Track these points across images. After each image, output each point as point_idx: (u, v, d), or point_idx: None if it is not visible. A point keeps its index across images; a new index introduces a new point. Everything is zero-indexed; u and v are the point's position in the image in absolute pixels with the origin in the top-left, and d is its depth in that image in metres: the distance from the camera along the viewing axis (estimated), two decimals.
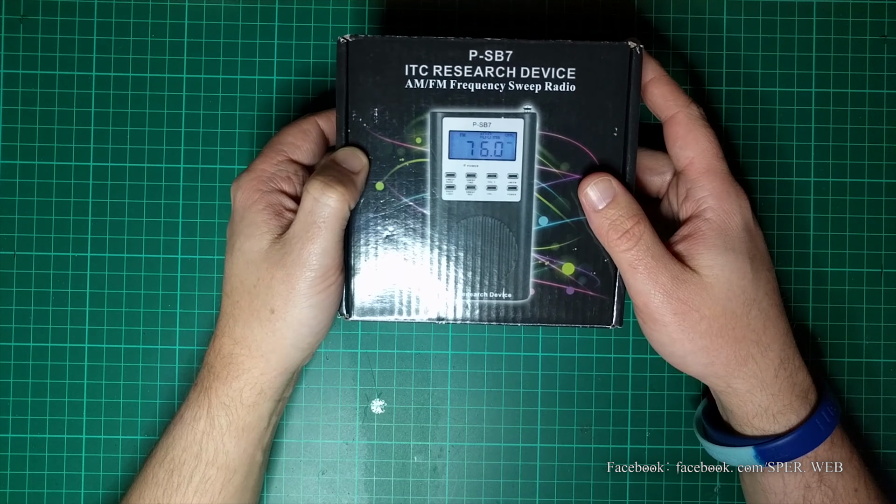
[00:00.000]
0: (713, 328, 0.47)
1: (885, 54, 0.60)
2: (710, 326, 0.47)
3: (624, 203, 0.47)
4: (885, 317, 0.60)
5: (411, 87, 0.49)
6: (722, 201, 0.47)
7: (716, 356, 0.48)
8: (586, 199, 0.48)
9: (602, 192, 0.48)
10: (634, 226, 0.47)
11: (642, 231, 0.47)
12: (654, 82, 0.49)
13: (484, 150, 0.49)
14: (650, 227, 0.47)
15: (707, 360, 0.48)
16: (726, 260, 0.47)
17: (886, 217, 0.60)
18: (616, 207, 0.47)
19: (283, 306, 0.48)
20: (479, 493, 0.60)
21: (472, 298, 0.51)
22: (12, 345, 0.60)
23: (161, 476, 0.51)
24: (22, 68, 0.60)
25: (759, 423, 0.50)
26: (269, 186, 0.49)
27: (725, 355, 0.48)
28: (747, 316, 0.48)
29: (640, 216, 0.47)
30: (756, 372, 0.49)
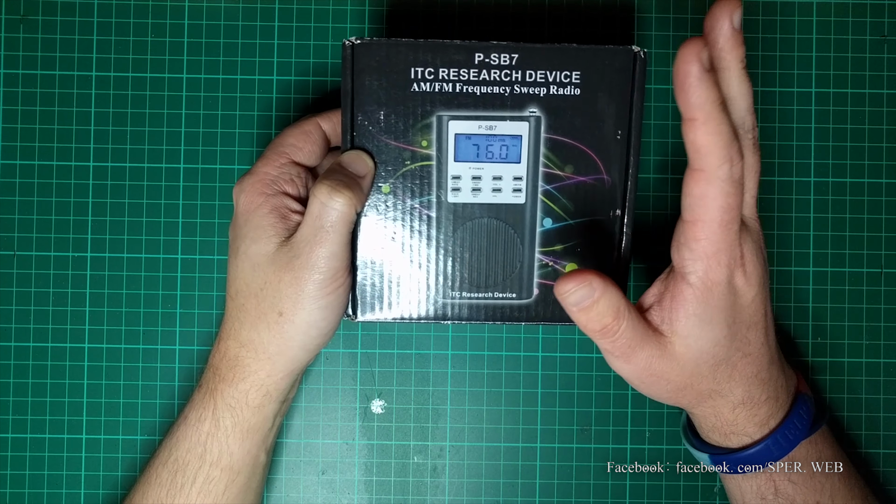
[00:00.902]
0: (679, 387, 0.48)
1: (885, 54, 0.60)
2: (676, 386, 0.48)
3: (603, 304, 0.44)
4: (885, 317, 0.60)
5: (417, 91, 0.49)
6: (709, 271, 0.44)
7: (677, 401, 0.49)
8: (565, 301, 0.45)
9: (581, 298, 0.44)
10: (613, 322, 0.45)
11: (621, 325, 0.45)
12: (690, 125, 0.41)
13: (489, 152, 0.49)
14: (630, 315, 0.45)
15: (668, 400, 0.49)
16: (702, 332, 0.46)
17: (886, 217, 0.60)
18: (595, 309, 0.45)
19: (292, 309, 0.48)
20: (479, 493, 0.60)
21: (478, 298, 0.51)
22: (12, 345, 0.60)
23: (165, 476, 0.51)
24: (22, 68, 0.59)
25: (714, 438, 0.51)
26: (272, 189, 0.49)
27: (686, 400, 0.49)
28: (713, 374, 0.47)
29: (619, 312, 0.45)
30: (714, 406, 0.49)
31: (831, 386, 0.60)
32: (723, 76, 0.44)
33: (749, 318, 0.46)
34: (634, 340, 0.45)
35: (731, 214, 0.43)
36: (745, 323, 0.46)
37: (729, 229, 0.43)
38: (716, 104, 0.40)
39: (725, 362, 0.47)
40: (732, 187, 0.42)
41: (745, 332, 0.46)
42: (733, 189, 0.42)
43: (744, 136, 0.45)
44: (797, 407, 0.50)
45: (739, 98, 0.44)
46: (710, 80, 0.40)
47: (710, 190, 0.42)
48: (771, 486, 0.50)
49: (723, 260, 0.44)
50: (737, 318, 0.46)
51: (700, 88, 0.39)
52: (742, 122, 0.45)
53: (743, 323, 0.46)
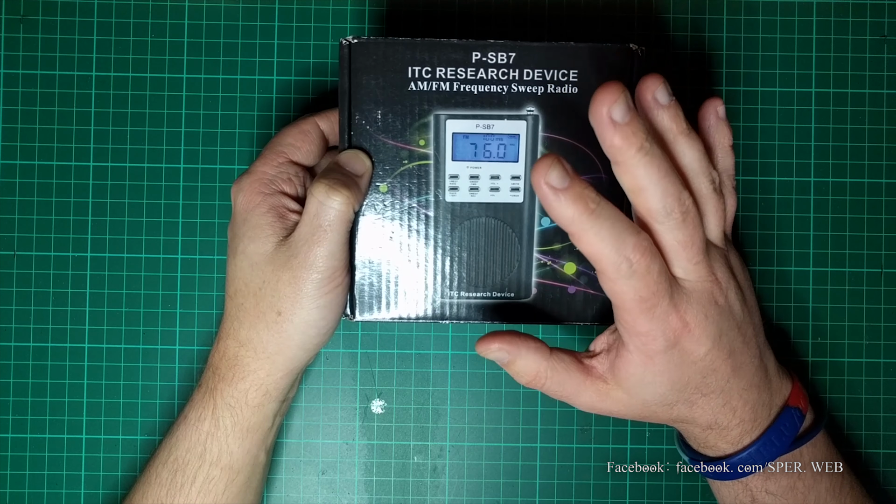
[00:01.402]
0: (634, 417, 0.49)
1: (885, 54, 0.60)
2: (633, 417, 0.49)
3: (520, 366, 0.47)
4: (885, 317, 0.60)
5: (414, 90, 0.49)
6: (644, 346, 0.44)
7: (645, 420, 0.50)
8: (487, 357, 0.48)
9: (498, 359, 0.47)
10: (534, 380, 0.47)
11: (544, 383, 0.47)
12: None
13: (487, 151, 0.49)
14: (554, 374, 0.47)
15: None
16: (644, 389, 0.46)
17: (886, 217, 0.60)
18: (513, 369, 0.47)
19: (291, 308, 0.48)
20: (479, 493, 0.60)
21: (476, 298, 0.51)
22: (12, 345, 0.60)
23: (164, 476, 0.51)
24: (22, 68, 0.59)
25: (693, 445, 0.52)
26: (270, 189, 0.49)
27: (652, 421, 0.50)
28: (669, 411, 0.48)
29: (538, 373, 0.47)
30: (683, 426, 0.50)
31: (831, 386, 0.60)
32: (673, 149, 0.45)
33: (704, 369, 0.46)
34: (567, 391, 0.47)
35: (650, 301, 0.42)
36: (698, 373, 0.46)
37: (652, 313, 0.43)
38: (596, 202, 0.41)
39: (682, 402, 0.47)
40: (639, 280, 0.42)
41: (699, 380, 0.46)
42: (641, 281, 0.42)
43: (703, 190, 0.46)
44: (778, 423, 0.49)
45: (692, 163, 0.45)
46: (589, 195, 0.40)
47: (616, 288, 0.42)
48: (748, 495, 0.50)
49: (657, 336, 0.44)
50: (686, 373, 0.46)
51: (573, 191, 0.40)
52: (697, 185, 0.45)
53: (696, 374, 0.46)
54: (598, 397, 0.47)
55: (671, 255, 0.43)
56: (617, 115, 0.39)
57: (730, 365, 0.46)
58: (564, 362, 0.47)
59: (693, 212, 0.43)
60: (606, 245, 0.41)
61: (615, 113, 0.39)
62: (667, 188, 0.41)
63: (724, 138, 0.49)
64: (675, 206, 0.42)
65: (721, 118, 0.48)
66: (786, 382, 0.51)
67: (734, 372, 0.47)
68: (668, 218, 0.42)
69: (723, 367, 0.46)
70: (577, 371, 0.47)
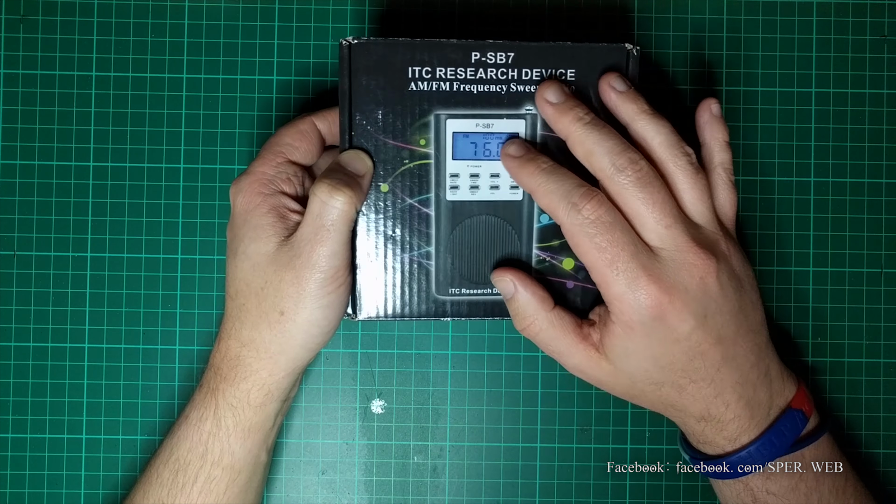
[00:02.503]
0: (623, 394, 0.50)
1: (885, 54, 0.60)
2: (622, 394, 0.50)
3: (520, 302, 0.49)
4: (885, 317, 0.60)
5: (414, 90, 0.49)
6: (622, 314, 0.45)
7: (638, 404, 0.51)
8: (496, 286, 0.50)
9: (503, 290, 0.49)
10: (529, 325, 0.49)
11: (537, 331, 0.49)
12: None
13: (487, 150, 0.49)
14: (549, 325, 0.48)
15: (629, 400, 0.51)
16: (627, 361, 0.47)
17: (886, 217, 0.60)
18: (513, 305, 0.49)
19: (294, 308, 0.48)
20: (479, 493, 0.60)
21: (477, 295, 0.51)
22: (12, 345, 0.60)
23: (166, 476, 0.51)
24: (22, 68, 0.59)
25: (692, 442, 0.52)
26: (270, 189, 0.49)
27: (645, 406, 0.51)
28: (657, 391, 0.48)
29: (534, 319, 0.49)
30: (678, 417, 0.50)
31: (831, 386, 0.60)
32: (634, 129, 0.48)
33: (689, 350, 0.46)
34: (559, 348, 0.48)
35: (608, 253, 0.44)
36: (683, 354, 0.46)
37: (614, 267, 0.44)
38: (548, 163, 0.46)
39: (669, 384, 0.47)
40: (592, 227, 0.44)
41: (685, 362, 0.46)
42: (594, 228, 0.44)
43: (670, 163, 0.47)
44: (778, 424, 0.49)
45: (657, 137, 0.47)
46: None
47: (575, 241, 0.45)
48: (749, 495, 0.50)
49: (631, 301, 0.45)
50: (669, 350, 0.46)
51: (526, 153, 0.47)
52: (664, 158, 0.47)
53: (681, 354, 0.46)
54: (587, 363, 0.48)
55: (637, 218, 0.45)
56: (551, 98, 0.46)
57: (719, 353, 0.46)
58: (563, 320, 0.48)
59: (651, 173, 0.45)
60: (557, 195, 0.44)
61: (549, 95, 0.46)
62: (612, 147, 0.45)
63: (719, 133, 0.49)
64: (625, 164, 0.44)
65: (715, 115, 0.50)
66: (790, 385, 0.51)
67: (725, 362, 0.47)
68: (620, 174, 0.44)
69: (711, 352, 0.46)
70: (573, 332, 0.48)
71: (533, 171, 0.46)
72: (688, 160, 0.46)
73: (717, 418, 0.48)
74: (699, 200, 0.47)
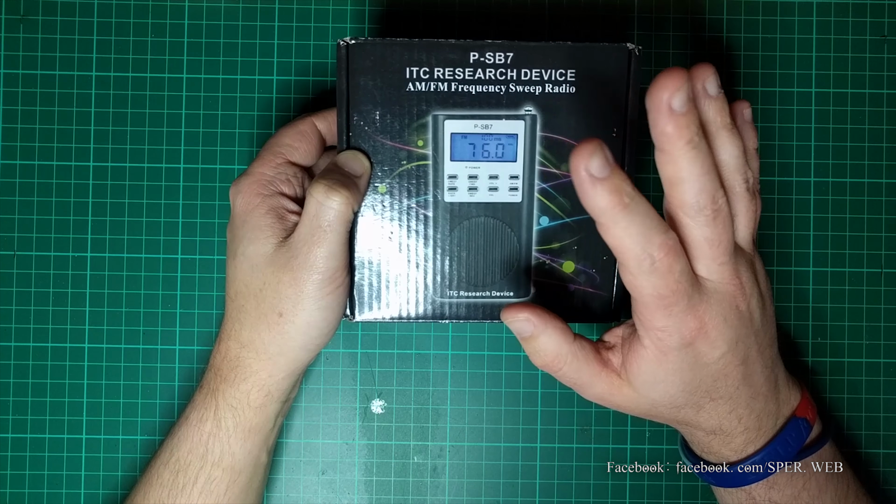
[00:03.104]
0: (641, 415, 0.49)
1: (885, 54, 0.60)
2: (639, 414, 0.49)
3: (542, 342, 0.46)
4: (885, 317, 0.60)
5: (412, 90, 0.49)
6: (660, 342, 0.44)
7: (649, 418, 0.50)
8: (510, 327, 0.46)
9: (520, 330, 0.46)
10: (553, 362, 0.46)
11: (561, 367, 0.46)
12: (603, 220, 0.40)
13: (485, 151, 0.49)
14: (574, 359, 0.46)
15: None
16: (654, 388, 0.46)
17: (886, 217, 0.60)
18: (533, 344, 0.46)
19: (292, 309, 0.48)
20: (479, 493, 0.60)
21: (475, 297, 0.51)
22: (12, 345, 0.60)
23: (166, 477, 0.51)
24: (22, 68, 0.59)
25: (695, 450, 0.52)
26: (269, 190, 0.49)
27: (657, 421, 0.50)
28: (676, 413, 0.48)
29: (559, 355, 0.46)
30: (687, 429, 0.50)
31: (831, 386, 0.60)
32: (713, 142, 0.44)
33: (716, 373, 0.45)
34: (582, 380, 0.46)
35: (668, 300, 0.42)
36: (710, 377, 0.46)
37: (670, 311, 0.42)
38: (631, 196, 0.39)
39: (690, 405, 0.47)
40: (660, 278, 0.41)
41: (710, 384, 0.46)
42: (661, 280, 0.41)
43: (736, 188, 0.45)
44: (784, 434, 0.49)
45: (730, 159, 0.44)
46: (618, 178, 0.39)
47: (636, 282, 0.42)
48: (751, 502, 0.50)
49: (673, 334, 0.43)
50: (698, 376, 0.45)
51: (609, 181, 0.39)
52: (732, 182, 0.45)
53: (707, 377, 0.46)
54: (609, 390, 0.47)
55: (697, 251, 0.43)
56: (676, 104, 0.38)
57: (741, 372, 0.46)
58: (585, 350, 0.46)
59: (725, 211, 0.42)
60: (633, 241, 0.40)
61: (675, 101, 0.38)
62: (704, 185, 0.41)
63: (750, 141, 0.48)
64: (708, 203, 0.41)
65: (747, 120, 0.48)
66: (794, 393, 0.50)
67: (744, 379, 0.46)
68: (699, 214, 0.41)
69: (734, 373, 0.46)
70: (595, 361, 0.47)
71: (614, 205, 0.39)
72: (747, 186, 0.46)
73: (728, 431, 0.48)
74: (746, 227, 0.46)
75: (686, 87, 0.38)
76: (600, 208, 0.39)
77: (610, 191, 0.38)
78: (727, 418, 0.47)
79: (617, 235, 0.40)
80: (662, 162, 0.41)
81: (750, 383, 0.47)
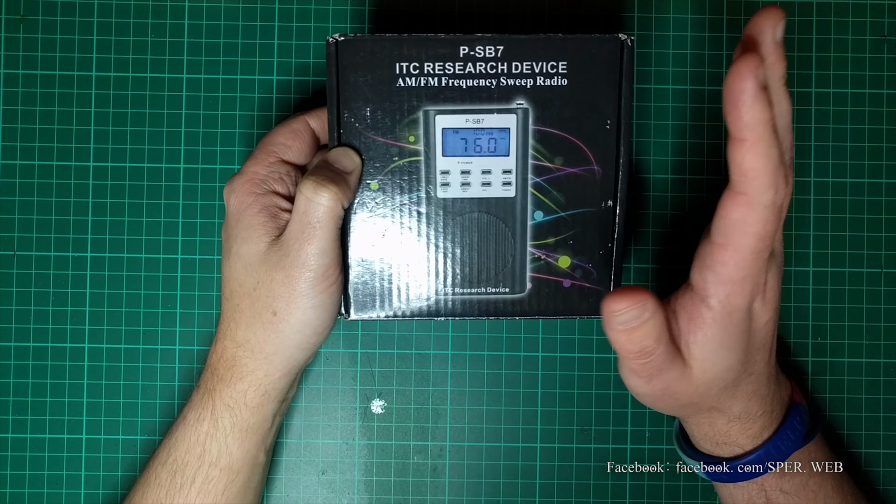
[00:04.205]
0: (684, 404, 0.48)
1: (885, 54, 0.60)
2: (682, 404, 0.48)
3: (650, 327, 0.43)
4: (885, 317, 0.60)
5: (402, 86, 0.49)
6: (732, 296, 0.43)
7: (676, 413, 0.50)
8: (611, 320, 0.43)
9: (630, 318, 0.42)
10: (654, 345, 0.44)
11: (658, 349, 0.44)
12: (739, 145, 0.40)
13: (478, 146, 0.49)
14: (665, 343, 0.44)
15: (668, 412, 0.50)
16: (719, 356, 0.45)
17: (886, 217, 0.60)
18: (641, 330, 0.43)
19: (286, 308, 0.48)
20: (479, 493, 0.60)
21: (471, 294, 0.51)
22: (12, 345, 0.60)
23: (164, 477, 0.51)
24: (22, 68, 0.60)
25: (705, 446, 0.52)
26: (262, 189, 0.49)
27: (686, 412, 0.50)
28: (718, 396, 0.47)
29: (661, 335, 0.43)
30: (710, 418, 0.50)
31: (831, 386, 0.60)
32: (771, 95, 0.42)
33: (760, 341, 0.46)
34: (664, 364, 0.45)
35: (765, 243, 0.42)
36: (755, 345, 0.46)
37: (759, 257, 0.42)
38: (768, 126, 0.39)
39: (733, 383, 0.47)
40: (773, 214, 0.41)
41: (753, 354, 0.46)
42: (773, 216, 0.41)
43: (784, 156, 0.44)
44: (791, 418, 0.49)
45: (780, 117, 0.43)
46: (764, 100, 0.38)
47: (751, 216, 0.41)
48: (762, 496, 0.50)
49: (747, 287, 0.43)
50: (750, 341, 0.46)
51: (754, 108, 0.38)
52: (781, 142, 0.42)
53: (754, 345, 0.46)
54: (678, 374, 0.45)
55: None
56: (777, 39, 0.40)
57: (772, 345, 0.47)
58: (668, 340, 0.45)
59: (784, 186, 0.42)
60: (771, 163, 0.40)
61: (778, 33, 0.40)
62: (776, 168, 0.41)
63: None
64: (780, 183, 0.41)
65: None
66: (785, 379, 0.51)
67: (769, 355, 0.48)
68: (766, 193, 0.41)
69: (768, 344, 0.47)
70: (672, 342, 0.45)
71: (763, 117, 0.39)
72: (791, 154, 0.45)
73: (751, 415, 0.48)
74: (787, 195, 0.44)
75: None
76: (755, 120, 0.39)
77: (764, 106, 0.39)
78: (753, 399, 0.48)
79: (761, 154, 0.39)
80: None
81: (771, 362, 0.48)
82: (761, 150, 0.39)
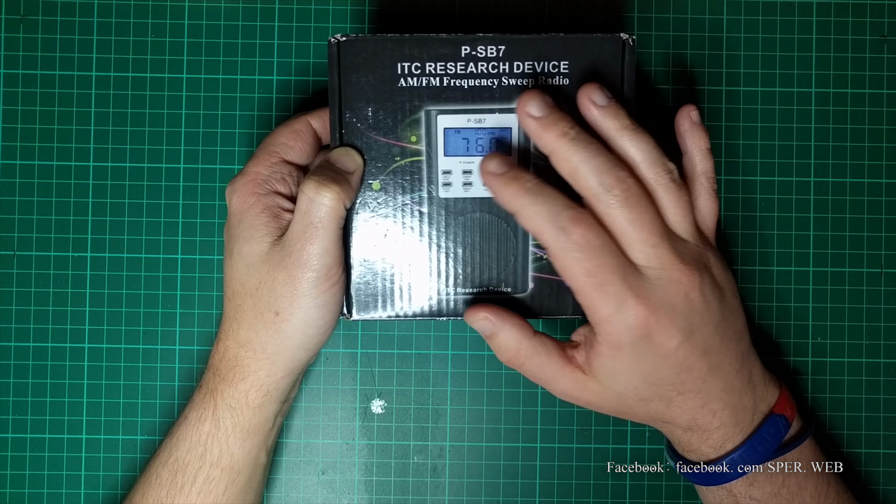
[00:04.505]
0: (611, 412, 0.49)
1: (885, 54, 0.60)
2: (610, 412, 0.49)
3: (502, 339, 0.48)
4: (885, 317, 0.60)
5: (404, 86, 0.49)
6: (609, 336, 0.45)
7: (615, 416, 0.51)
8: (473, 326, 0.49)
9: (481, 329, 0.48)
10: (514, 357, 0.48)
11: (523, 363, 0.48)
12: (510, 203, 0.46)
13: (479, 146, 0.49)
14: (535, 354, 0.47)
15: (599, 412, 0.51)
16: (616, 380, 0.46)
17: (886, 217, 0.60)
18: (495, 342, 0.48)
19: (288, 308, 0.48)
20: (479, 493, 0.60)
21: (473, 294, 0.51)
22: (12, 345, 0.60)
23: (165, 477, 0.51)
24: (22, 68, 0.60)
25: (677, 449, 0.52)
26: (264, 189, 0.49)
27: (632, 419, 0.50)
28: (645, 406, 0.48)
29: (518, 351, 0.47)
30: (665, 427, 0.50)
31: (831, 386, 0.60)
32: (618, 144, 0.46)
33: (677, 364, 0.46)
34: (546, 375, 0.48)
35: (597, 277, 0.43)
36: (671, 368, 0.46)
37: (603, 290, 0.43)
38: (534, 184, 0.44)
39: (657, 399, 0.47)
40: (581, 252, 0.43)
41: (674, 376, 0.46)
42: (582, 253, 0.43)
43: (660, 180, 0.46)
44: (761, 431, 0.49)
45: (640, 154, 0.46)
46: None
47: (563, 265, 0.44)
48: (732, 501, 0.50)
49: (619, 324, 0.44)
50: (658, 367, 0.46)
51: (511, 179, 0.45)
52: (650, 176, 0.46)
53: (669, 369, 0.46)
54: (575, 386, 0.48)
55: (624, 237, 0.44)
56: (534, 111, 0.44)
57: (706, 364, 0.46)
58: (546, 346, 0.48)
59: (639, 192, 0.44)
60: (543, 218, 0.43)
61: (531, 109, 0.44)
62: (599, 165, 0.43)
63: (701, 141, 0.49)
64: (613, 182, 0.43)
65: (695, 122, 0.49)
66: (772, 390, 0.51)
67: (711, 371, 0.47)
68: (608, 195, 0.43)
69: (698, 364, 0.46)
70: (558, 357, 0.47)
71: (517, 191, 0.44)
72: (670, 177, 0.46)
73: (704, 427, 0.48)
74: (683, 217, 0.46)
75: (539, 96, 0.45)
76: (507, 199, 0.44)
77: (509, 182, 0.44)
78: (700, 413, 0.48)
79: (529, 216, 0.43)
80: (555, 163, 0.45)
81: (719, 376, 0.47)
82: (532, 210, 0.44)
